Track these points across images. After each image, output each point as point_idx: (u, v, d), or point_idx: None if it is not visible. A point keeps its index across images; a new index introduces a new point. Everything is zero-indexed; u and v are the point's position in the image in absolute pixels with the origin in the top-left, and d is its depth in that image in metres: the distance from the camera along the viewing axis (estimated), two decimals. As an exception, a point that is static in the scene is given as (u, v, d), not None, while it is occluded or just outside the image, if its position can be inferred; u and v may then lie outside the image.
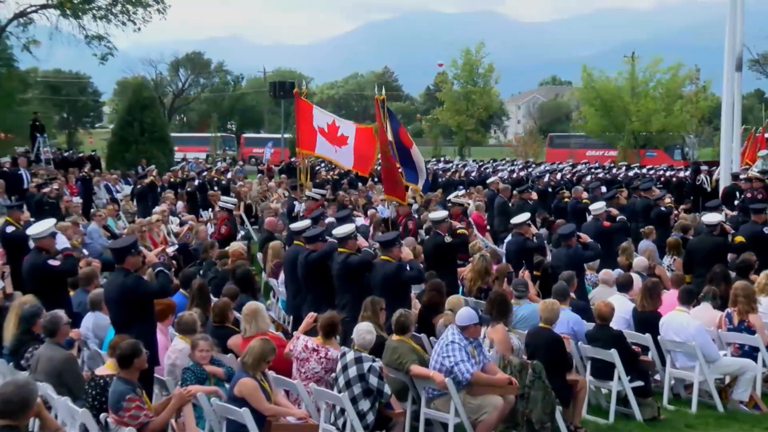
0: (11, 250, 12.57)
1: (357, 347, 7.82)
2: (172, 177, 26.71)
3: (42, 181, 22.25)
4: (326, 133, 16.75)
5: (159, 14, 34.78)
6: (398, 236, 10.99)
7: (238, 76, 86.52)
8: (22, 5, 33.11)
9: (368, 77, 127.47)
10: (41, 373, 7.40)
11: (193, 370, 7.62)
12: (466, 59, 59.35)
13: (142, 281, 8.22)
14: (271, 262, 13.60)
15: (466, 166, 36.10)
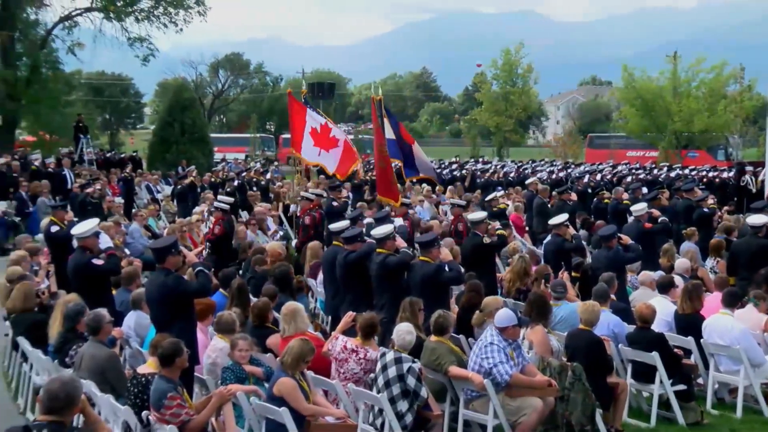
0: (56, 249, 12.75)
1: (397, 348, 7.81)
2: (212, 177, 26.95)
3: (85, 182, 22.61)
4: (318, 134, 16.84)
5: (200, 16, 35.21)
6: (437, 237, 10.94)
7: (277, 77, 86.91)
8: (67, 9, 33.72)
9: (407, 78, 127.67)
10: (85, 371, 7.51)
11: (233, 369, 7.67)
12: (506, 59, 59.03)
13: (183, 281, 8.30)
14: (310, 263, 13.65)
15: (504, 167, 35.91)
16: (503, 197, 21.23)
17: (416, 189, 25.41)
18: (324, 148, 16.95)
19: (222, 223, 14.97)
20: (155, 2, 34.26)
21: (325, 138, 16.93)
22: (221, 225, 14.90)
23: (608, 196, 19.71)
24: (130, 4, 33.87)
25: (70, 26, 34.34)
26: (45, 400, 4.73)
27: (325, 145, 16.94)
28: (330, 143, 17.01)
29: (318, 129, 16.89)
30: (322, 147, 16.92)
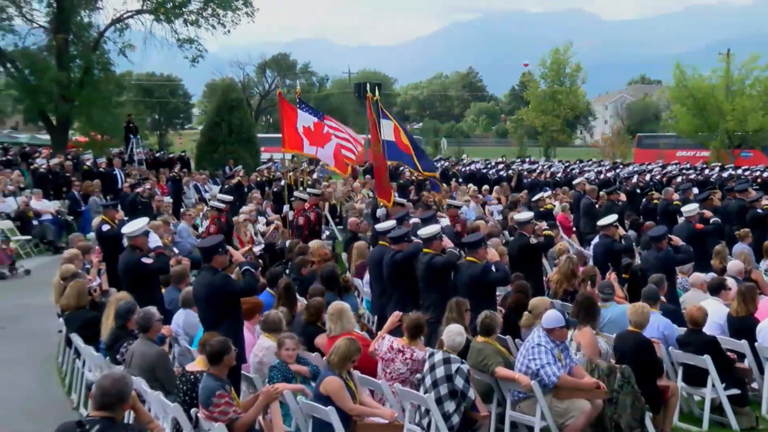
0: (107, 247, 12.96)
1: (446, 348, 7.78)
2: (258, 177, 27.15)
3: (135, 181, 22.97)
4: (311, 132, 16.95)
5: (247, 17, 35.42)
6: (484, 237, 10.88)
7: (323, 78, 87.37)
8: (119, 11, 34.26)
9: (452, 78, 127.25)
10: (135, 368, 7.62)
11: (280, 368, 7.71)
12: (554, 59, 58.53)
13: (230, 280, 8.37)
14: (356, 262, 13.68)
15: (551, 167, 35.61)
16: (550, 197, 21.04)
17: (462, 189, 25.34)
18: (319, 145, 17.12)
19: (217, 222, 15.04)
20: (204, 4, 34.61)
21: (319, 134, 17.11)
22: (216, 225, 15.00)
23: (658, 197, 19.42)
24: (179, 6, 34.27)
25: (121, 28, 34.86)
26: (97, 396, 4.80)
27: (320, 143, 17.12)
28: (324, 139, 17.20)
29: (311, 127, 17.05)
30: (318, 145, 17.11)
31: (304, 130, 16.89)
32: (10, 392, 10.21)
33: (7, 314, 14.30)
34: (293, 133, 16.85)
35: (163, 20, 34.27)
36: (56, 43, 32.38)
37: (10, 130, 69.70)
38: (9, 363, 11.41)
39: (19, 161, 28.49)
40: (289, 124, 16.94)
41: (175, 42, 35.02)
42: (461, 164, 37.33)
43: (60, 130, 34.47)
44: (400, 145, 16.52)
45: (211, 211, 15.58)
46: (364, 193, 25.36)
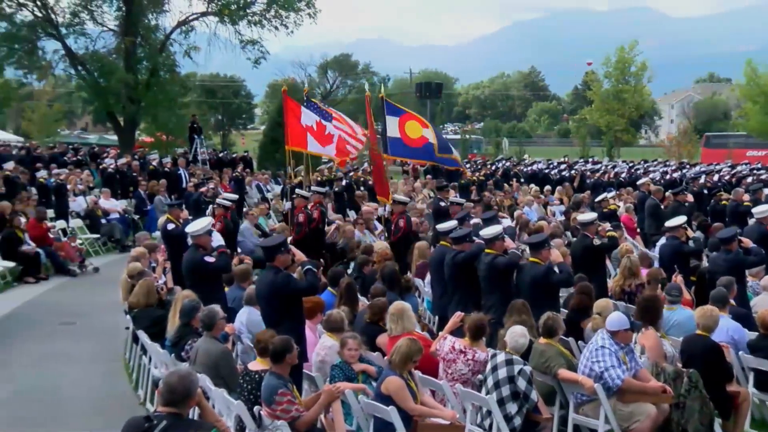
0: (172, 246, 13.15)
1: (509, 350, 7.72)
2: (319, 177, 27.32)
3: (199, 181, 23.32)
4: (314, 131, 17.15)
5: (310, 18, 35.70)
6: (547, 238, 10.76)
7: (384, 78, 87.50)
8: (184, 14, 34.91)
9: (514, 77, 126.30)
10: (199, 365, 7.72)
11: (342, 367, 7.74)
12: (619, 57, 57.55)
13: (292, 279, 8.43)
14: (417, 262, 13.65)
15: (615, 167, 35.03)
16: (614, 198, 20.68)
17: (524, 189, 25.12)
18: (322, 144, 17.38)
19: (223, 220, 15.22)
20: (267, 6, 35.01)
21: (321, 134, 17.31)
22: (222, 222, 15.13)
23: (726, 198, 18.96)
24: (243, 7, 34.74)
25: (186, 30, 35.51)
26: (164, 392, 4.88)
27: (322, 142, 17.36)
28: (325, 140, 17.40)
29: (314, 126, 17.23)
30: (322, 144, 17.36)
31: (308, 128, 17.13)
32: (80, 387, 10.47)
33: (77, 311, 14.68)
34: (297, 131, 17.11)
35: (227, 22, 34.78)
36: (124, 46, 33.13)
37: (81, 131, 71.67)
38: (79, 358, 11.71)
39: (88, 161, 29.23)
40: (293, 121, 17.20)
41: (239, 43, 35.52)
42: (523, 164, 37.02)
43: (127, 130, 35.27)
44: (407, 141, 16.46)
45: (218, 208, 15.81)
46: (425, 193, 25.30)
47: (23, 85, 36.15)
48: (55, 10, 32.96)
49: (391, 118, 16.55)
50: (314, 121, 17.24)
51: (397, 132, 16.31)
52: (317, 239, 15.49)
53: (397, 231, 14.79)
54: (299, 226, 15.50)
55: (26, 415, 9.43)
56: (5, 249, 16.97)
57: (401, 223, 14.82)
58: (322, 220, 16.23)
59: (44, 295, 15.95)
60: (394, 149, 16.54)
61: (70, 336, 13.04)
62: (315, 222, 15.65)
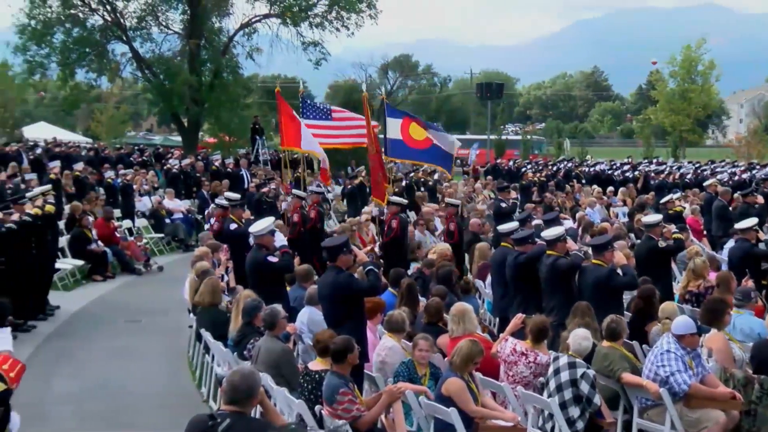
0: (234, 246, 13.33)
1: (571, 352, 7.61)
2: (380, 178, 27.33)
3: (261, 182, 23.59)
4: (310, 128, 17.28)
5: (371, 19, 35.79)
6: (611, 240, 10.59)
7: (445, 78, 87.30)
8: (247, 16, 35.36)
9: (577, 77, 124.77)
10: (261, 364, 7.79)
11: (408, 366, 7.73)
12: (686, 56, 56.34)
13: (354, 279, 8.47)
14: (477, 263, 13.58)
15: (681, 168, 34.35)
16: (680, 199, 20.27)
17: (586, 191, 24.79)
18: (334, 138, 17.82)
19: (222, 220, 15.27)
20: (329, 7, 35.24)
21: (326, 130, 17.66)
22: (220, 222, 15.24)
23: (799, 200, 18.41)
24: (305, 9, 35.03)
25: (249, 32, 35.96)
26: (227, 391, 4.94)
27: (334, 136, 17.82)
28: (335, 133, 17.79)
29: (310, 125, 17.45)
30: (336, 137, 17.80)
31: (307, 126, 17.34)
32: (144, 384, 10.67)
33: (142, 309, 14.99)
34: (291, 130, 17.29)
35: (290, 24, 35.09)
36: (189, 49, 33.70)
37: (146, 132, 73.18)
38: (143, 356, 11.94)
39: (153, 162, 29.82)
40: (286, 121, 17.44)
41: (300, 45, 35.81)
42: (585, 165, 36.54)
43: (191, 131, 35.85)
44: (410, 143, 16.50)
45: (216, 208, 15.93)
46: (486, 194, 25.17)
47: (92, 88, 37.03)
48: (124, 14, 33.74)
49: (392, 120, 16.69)
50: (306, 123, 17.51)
51: (398, 134, 16.45)
52: (315, 240, 15.43)
53: (390, 232, 14.79)
54: (293, 226, 15.67)
55: (93, 410, 9.64)
56: (75, 248, 17.42)
57: (394, 224, 14.81)
58: (320, 220, 16.40)
59: (111, 293, 16.32)
60: (395, 151, 16.66)
61: (135, 333, 13.31)
62: (312, 222, 15.78)
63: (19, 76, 35.56)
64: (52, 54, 32.65)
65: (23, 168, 22.49)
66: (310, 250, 14.76)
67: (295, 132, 17.30)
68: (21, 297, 12.23)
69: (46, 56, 32.65)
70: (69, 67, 33.23)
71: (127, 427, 9.21)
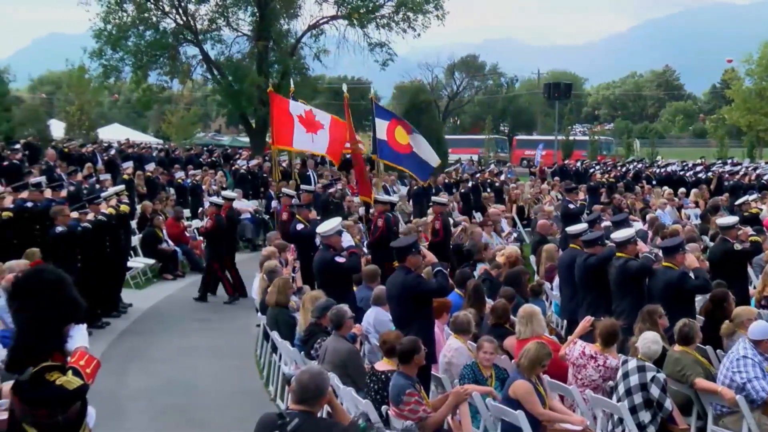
0: (301, 246, 13.46)
1: (641, 356, 7.47)
2: (446, 179, 27.30)
3: (327, 182, 23.72)
4: (304, 120, 17.43)
5: (438, 20, 35.74)
6: (682, 242, 10.35)
7: (512, 78, 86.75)
8: (315, 17, 35.70)
9: (647, 76, 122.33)
10: (328, 364, 7.83)
11: (473, 368, 7.69)
12: (763, 53, 54.71)
13: (422, 280, 8.46)
14: (545, 265, 13.44)
15: (757, 169, 33.38)
16: (756, 201, 19.70)
17: (656, 192, 24.33)
18: (313, 131, 17.63)
19: (215, 217, 15.41)
20: (396, 8, 35.32)
21: (311, 121, 17.64)
22: (213, 219, 15.39)
23: None
24: (372, 11, 35.18)
25: (316, 34, 36.30)
26: (296, 390, 4.97)
27: (313, 128, 17.64)
28: (316, 126, 17.70)
29: (303, 115, 17.60)
30: (312, 131, 17.61)
31: (299, 117, 17.46)
32: (213, 382, 10.82)
33: (211, 307, 15.22)
34: (282, 130, 17.45)
35: (357, 25, 35.28)
36: (257, 50, 34.16)
37: (215, 133, 74.41)
38: (212, 354, 12.11)
39: (221, 162, 30.26)
40: (278, 120, 17.54)
41: (367, 46, 35.98)
42: (655, 166, 35.83)
43: (259, 132, 36.31)
44: (394, 146, 16.64)
45: (211, 206, 16.03)
46: (553, 195, 24.89)
47: (164, 90, 37.87)
48: (195, 17, 34.38)
49: (380, 121, 16.80)
50: (303, 110, 17.75)
51: (384, 135, 16.56)
52: None
53: (376, 231, 14.77)
54: (282, 225, 15.74)
55: (164, 407, 9.83)
56: (146, 247, 17.81)
57: (380, 223, 14.77)
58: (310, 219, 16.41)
59: (181, 291, 16.61)
60: (381, 152, 16.81)
61: (204, 331, 13.51)
62: None
63: (95, 79, 36.54)
64: (125, 57, 33.48)
65: (98, 169, 23.05)
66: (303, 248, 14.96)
67: (287, 131, 17.57)
68: (96, 294, 12.53)
69: (120, 59, 33.50)
70: (142, 69, 34.03)
71: (196, 424, 9.36)
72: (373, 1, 35.11)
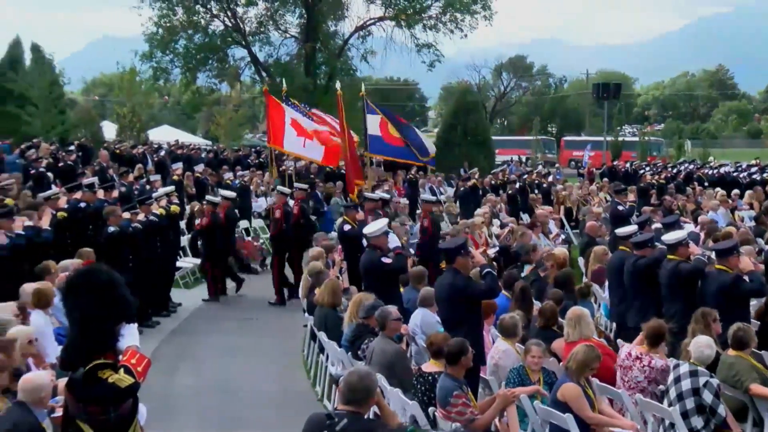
0: (348, 247, 13.48)
1: (693, 360, 7.34)
2: (493, 180, 27.15)
3: (374, 183, 23.73)
4: (298, 125, 17.56)
5: (485, 21, 35.57)
6: (737, 245, 10.14)
7: (560, 79, 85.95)
8: (362, 19, 35.80)
9: (700, 76, 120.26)
10: (375, 364, 7.82)
11: (520, 371, 7.63)
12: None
13: (471, 282, 8.43)
14: (593, 267, 13.28)
15: (815, 170, 32.58)
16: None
17: (708, 193, 23.89)
18: (308, 137, 17.76)
19: (210, 215, 15.53)
20: (443, 9, 35.23)
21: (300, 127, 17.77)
22: (209, 217, 15.51)
23: None
24: (419, 12, 35.14)
25: (364, 35, 36.39)
26: (345, 391, 4.99)
27: (308, 135, 17.79)
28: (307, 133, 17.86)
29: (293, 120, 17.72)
30: (306, 137, 17.73)
31: (292, 122, 17.61)
32: (260, 381, 10.91)
33: (258, 307, 15.34)
34: (276, 130, 17.66)
35: (404, 26, 35.28)
36: (305, 52, 34.36)
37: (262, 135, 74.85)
38: (259, 353, 12.21)
39: (269, 163, 30.42)
40: (273, 121, 17.78)
41: (414, 47, 35.96)
42: (708, 167, 35.19)
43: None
44: (388, 139, 17.03)
45: (207, 204, 16.10)
46: (602, 197, 24.60)
47: (213, 92, 38.30)
48: (244, 19, 34.73)
49: (372, 116, 17.20)
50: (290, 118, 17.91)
51: (377, 130, 16.59)
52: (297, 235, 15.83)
53: None
54: (276, 222, 15.86)
55: (212, 405, 9.93)
56: (195, 247, 17.99)
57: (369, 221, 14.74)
58: (303, 215, 16.48)
59: (228, 291, 16.76)
60: (374, 147, 17.22)
61: (251, 331, 13.63)
62: (294, 218, 15.89)
63: (146, 81, 37.13)
64: (175, 60, 33.95)
65: (148, 170, 23.40)
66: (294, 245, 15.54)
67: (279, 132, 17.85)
68: (147, 294, 12.71)
69: (170, 62, 33.98)
70: (191, 72, 34.45)
71: (243, 423, 9.43)
72: (420, 2, 35.05)
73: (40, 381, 6.03)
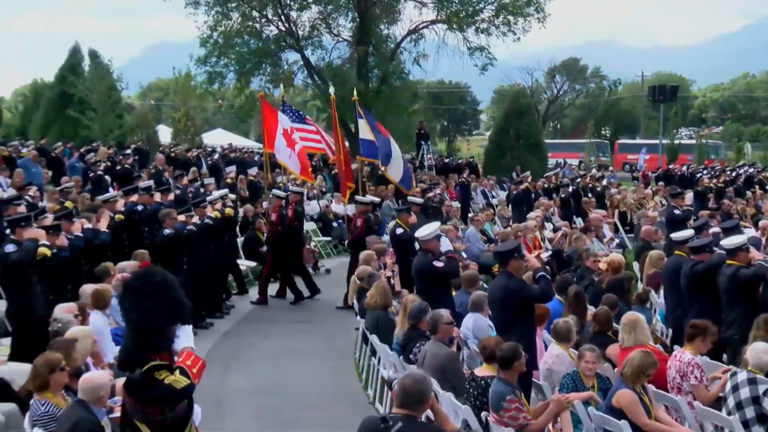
0: (400, 250, 13.49)
1: (751, 368, 7.17)
2: (546, 183, 26.92)
3: (426, 186, 23.73)
4: (287, 135, 18.05)
5: (538, 23, 35.21)
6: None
7: (615, 81, 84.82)
8: (414, 22, 35.74)
9: (761, 77, 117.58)
10: (427, 368, 7.80)
11: (573, 377, 7.54)
12: None
13: (525, 285, 8.38)
14: (648, 272, 13.08)
15: None
16: None
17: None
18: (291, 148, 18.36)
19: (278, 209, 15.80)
20: (496, 12, 34.99)
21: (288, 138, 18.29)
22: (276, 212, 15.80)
23: None
24: (472, 15, 34.95)
25: (416, 38, 36.29)
26: (399, 394, 4.99)
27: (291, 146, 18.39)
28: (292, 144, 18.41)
29: (289, 130, 18.20)
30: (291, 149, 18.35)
31: (283, 131, 18.08)
32: (312, 384, 10.95)
33: (310, 309, 15.44)
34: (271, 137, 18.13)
35: (456, 29, 35.12)
36: (357, 55, 34.42)
37: (314, 138, 75.34)
38: (311, 356, 12.27)
39: (321, 167, 30.66)
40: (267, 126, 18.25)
41: (466, 50, 35.76)
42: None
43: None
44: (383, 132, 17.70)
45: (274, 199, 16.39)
46: (657, 201, 24.21)
47: (266, 96, 38.60)
48: (297, 23, 34.95)
49: (363, 121, 17.71)
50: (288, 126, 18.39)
51: (368, 134, 16.59)
52: (292, 238, 15.96)
53: (355, 230, 15.20)
54: (271, 225, 15.96)
55: (265, 407, 10.01)
56: (248, 250, 18.17)
57: (359, 223, 15.16)
58: (297, 219, 16.60)
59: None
60: (365, 150, 17.65)
61: (303, 334, 13.70)
62: (289, 221, 15.93)
63: (201, 85, 37.61)
64: (229, 64, 34.33)
65: (202, 173, 23.71)
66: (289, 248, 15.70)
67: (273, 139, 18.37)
68: (201, 296, 12.87)
69: (225, 66, 34.37)
70: (245, 76, 34.79)
71: (295, 424, 9.49)
72: (472, 5, 34.84)
73: (99, 380, 6.17)
